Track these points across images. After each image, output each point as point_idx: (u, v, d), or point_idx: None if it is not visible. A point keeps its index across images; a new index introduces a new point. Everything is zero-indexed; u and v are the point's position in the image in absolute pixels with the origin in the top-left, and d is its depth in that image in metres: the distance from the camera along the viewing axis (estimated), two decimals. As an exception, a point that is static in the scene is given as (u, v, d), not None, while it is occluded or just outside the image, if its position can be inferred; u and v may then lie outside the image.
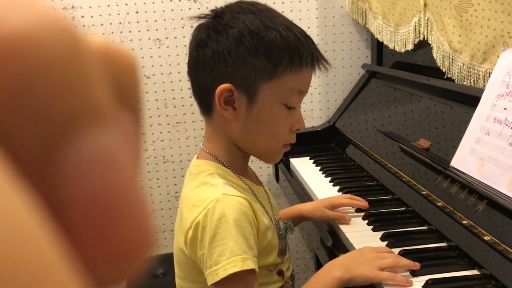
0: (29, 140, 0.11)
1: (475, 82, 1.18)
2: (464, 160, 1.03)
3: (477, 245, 0.89)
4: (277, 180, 1.73)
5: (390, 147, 1.37)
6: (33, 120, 0.10)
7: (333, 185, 1.35)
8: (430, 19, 1.35)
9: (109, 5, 1.70)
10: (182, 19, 1.72)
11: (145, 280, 1.53)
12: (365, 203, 1.15)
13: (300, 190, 1.42)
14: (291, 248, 1.88)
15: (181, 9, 1.73)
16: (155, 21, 1.73)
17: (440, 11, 1.29)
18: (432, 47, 1.34)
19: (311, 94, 1.86)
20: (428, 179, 1.14)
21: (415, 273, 0.88)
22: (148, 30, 1.73)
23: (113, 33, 1.71)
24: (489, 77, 1.06)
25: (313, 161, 1.57)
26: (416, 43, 1.44)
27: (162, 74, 1.76)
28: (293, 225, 1.02)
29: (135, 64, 0.14)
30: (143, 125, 0.14)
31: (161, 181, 1.84)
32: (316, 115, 1.88)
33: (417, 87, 1.41)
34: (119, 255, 0.11)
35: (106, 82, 0.12)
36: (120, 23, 1.71)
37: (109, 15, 1.70)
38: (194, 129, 1.81)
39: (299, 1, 1.78)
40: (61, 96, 0.11)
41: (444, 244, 0.98)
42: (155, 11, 1.72)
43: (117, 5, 1.70)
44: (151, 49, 1.74)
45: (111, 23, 1.71)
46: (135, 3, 1.71)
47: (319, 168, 1.50)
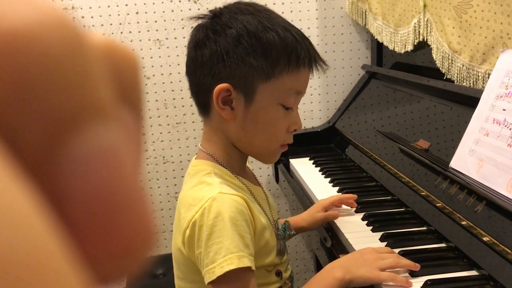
0: (31, 137, 0.11)
1: (475, 83, 1.18)
2: (463, 161, 1.03)
3: (476, 246, 0.89)
4: (277, 180, 1.73)
5: (389, 148, 1.37)
6: (35, 117, 0.10)
7: (333, 186, 1.35)
8: (429, 20, 1.35)
9: (109, 6, 1.70)
10: (182, 19, 1.72)
11: (144, 280, 1.53)
12: (353, 202, 1.16)
13: (299, 190, 1.42)
14: (290, 248, 1.88)
15: (181, 10, 1.73)
16: (155, 21, 1.73)
17: (439, 12, 1.29)
18: (431, 48, 1.34)
19: (311, 94, 1.86)
20: (427, 180, 1.14)
21: (414, 273, 0.88)
22: (148, 30, 1.73)
23: (113, 33, 1.72)
24: (489, 78, 1.07)
25: (312, 161, 1.57)
26: (415, 44, 1.44)
27: (162, 74, 1.77)
28: (291, 226, 1.02)
29: (137, 61, 0.14)
30: (144, 123, 0.14)
31: (161, 181, 1.84)
32: (316, 115, 1.88)
33: (416, 88, 1.41)
34: (120, 251, 0.12)
35: (107, 79, 0.12)
36: (120, 24, 1.72)
37: (109, 15, 1.71)
38: (194, 130, 1.81)
39: (299, 2, 1.79)
40: (62, 93, 0.11)
41: (443, 244, 0.99)
42: (155, 12, 1.72)
43: (117, 6, 1.70)
44: (151, 49, 1.75)
45: (111, 24, 1.71)
46: (135, 4, 1.71)
47: (319, 168, 1.50)
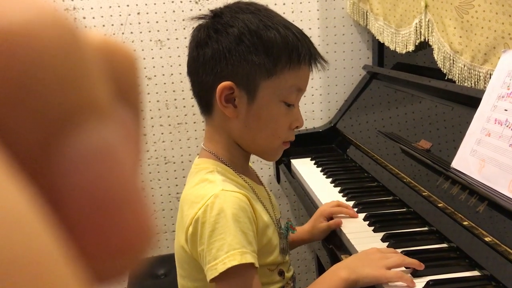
0: (27, 135, 0.10)
1: (476, 83, 1.18)
2: (465, 161, 1.03)
3: (477, 246, 0.89)
4: (278, 181, 1.73)
5: (391, 148, 1.37)
6: (31, 115, 0.10)
7: (334, 186, 1.35)
8: (431, 20, 1.35)
9: (110, 6, 1.70)
10: (183, 20, 1.72)
11: (146, 280, 1.53)
12: (354, 212, 1.13)
13: (301, 191, 1.42)
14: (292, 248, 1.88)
15: (183, 10, 1.73)
16: (157, 22, 1.73)
17: (441, 12, 1.29)
18: (433, 48, 1.34)
19: (312, 95, 1.86)
20: (429, 180, 1.14)
21: (416, 274, 0.88)
22: (149, 31, 1.73)
23: (114, 34, 1.72)
24: (490, 78, 1.07)
25: (314, 162, 1.57)
26: (417, 44, 1.44)
27: (163, 75, 1.77)
28: (293, 225, 1.02)
29: (135, 59, 0.14)
30: (143, 121, 0.14)
31: (162, 181, 1.84)
32: (317, 116, 1.88)
33: (418, 88, 1.41)
34: (118, 250, 0.11)
35: (105, 77, 0.12)
36: (121, 24, 1.72)
37: (111, 16, 1.71)
38: (195, 130, 1.81)
39: (300, 2, 1.79)
40: (59, 91, 0.11)
41: (444, 245, 0.99)
42: (156, 12, 1.72)
43: (119, 6, 1.70)
44: (152, 50, 1.75)
45: (112, 24, 1.71)
46: (137, 4, 1.71)
47: (320, 169, 1.50)
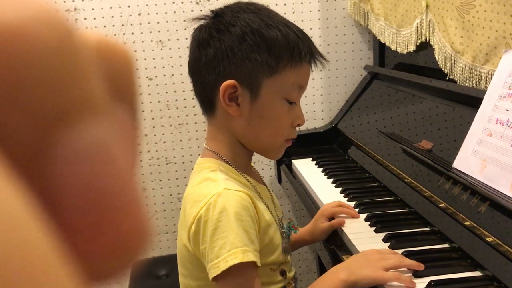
0: (21, 133, 0.10)
1: (477, 83, 1.18)
2: (466, 161, 1.03)
3: (479, 246, 0.89)
4: (279, 181, 1.73)
5: (392, 149, 1.37)
6: (26, 114, 0.10)
7: (335, 187, 1.35)
8: (432, 20, 1.35)
9: (111, 7, 1.70)
10: (184, 21, 1.72)
11: (147, 281, 1.53)
12: (355, 213, 1.14)
13: (302, 191, 1.42)
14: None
15: (184, 11, 1.73)
16: (158, 23, 1.73)
17: (442, 12, 1.29)
18: (434, 49, 1.34)
19: (313, 95, 1.86)
20: (430, 180, 1.14)
21: (418, 274, 0.88)
22: (150, 32, 1.73)
23: (115, 34, 1.72)
24: (491, 78, 1.06)
25: (315, 162, 1.57)
26: (418, 44, 1.44)
27: (164, 75, 1.77)
28: (296, 224, 1.03)
29: (131, 58, 0.13)
30: (140, 119, 0.14)
31: (163, 182, 1.84)
32: (318, 116, 1.88)
33: (419, 89, 1.41)
34: (114, 248, 0.11)
35: (100, 75, 0.12)
36: (122, 25, 1.72)
37: (112, 17, 1.71)
38: (196, 131, 1.81)
39: (301, 3, 1.79)
40: (53, 89, 0.11)
41: (446, 245, 0.98)
42: (157, 13, 1.73)
43: (120, 7, 1.71)
44: (153, 50, 1.75)
45: (113, 25, 1.71)
46: (138, 5, 1.71)
47: (322, 169, 1.50)
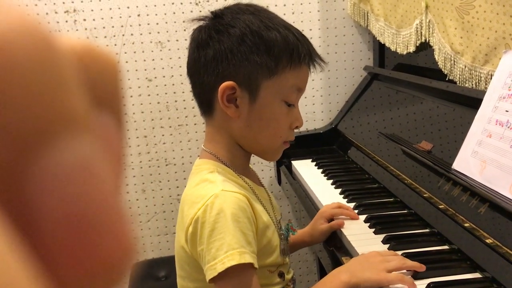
0: None
1: (477, 84, 1.18)
2: (466, 162, 1.03)
3: (479, 248, 0.89)
4: (279, 182, 1.72)
5: (392, 150, 1.37)
6: (1, 131, 0.10)
7: (335, 188, 1.35)
8: (431, 21, 1.35)
9: (111, 8, 1.70)
10: (183, 22, 1.72)
11: (147, 282, 1.52)
12: (355, 214, 1.13)
13: (302, 192, 1.42)
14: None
15: (183, 12, 1.73)
16: (157, 24, 1.73)
17: (441, 13, 1.29)
18: (433, 49, 1.34)
19: (313, 96, 1.86)
20: (430, 181, 1.13)
21: (417, 276, 0.88)
22: (149, 33, 1.73)
23: (115, 36, 1.72)
24: (491, 79, 1.06)
25: (315, 163, 1.57)
26: (417, 45, 1.43)
27: (164, 77, 1.76)
28: (294, 226, 1.02)
29: (115, 64, 0.13)
30: (124, 127, 0.13)
31: (163, 183, 1.84)
32: (318, 117, 1.88)
33: (419, 89, 1.41)
34: (97, 271, 0.11)
35: (82, 86, 0.11)
36: (122, 26, 1.72)
37: (111, 18, 1.71)
38: (196, 132, 1.81)
39: (301, 4, 1.78)
40: (31, 104, 0.10)
41: (446, 247, 0.98)
42: (156, 14, 1.72)
43: (119, 8, 1.70)
44: (152, 52, 1.75)
45: (113, 26, 1.71)
46: (137, 6, 1.71)
47: (321, 170, 1.50)
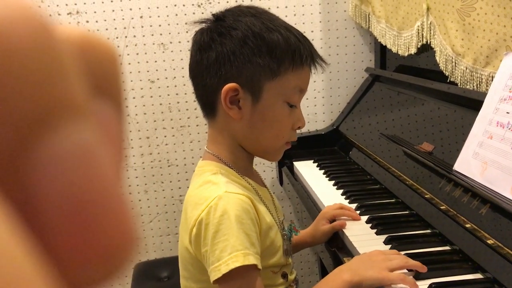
0: None
1: (478, 86, 1.18)
2: (467, 163, 1.04)
3: (480, 248, 0.89)
4: (281, 183, 1.73)
5: (393, 151, 1.37)
6: (2, 117, 0.10)
7: (337, 189, 1.35)
8: (433, 23, 1.36)
9: (113, 10, 1.71)
10: (186, 23, 1.73)
11: (149, 283, 1.53)
12: (356, 215, 1.14)
13: (303, 193, 1.43)
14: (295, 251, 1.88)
15: (185, 14, 1.74)
16: (160, 25, 1.74)
17: (443, 15, 1.29)
18: (435, 51, 1.34)
19: (315, 97, 1.87)
20: (431, 182, 1.14)
21: (419, 276, 0.88)
22: (152, 34, 1.74)
23: (117, 37, 1.73)
24: (492, 81, 1.07)
25: (316, 164, 1.58)
26: (419, 47, 1.44)
27: (166, 78, 1.77)
28: (297, 227, 1.03)
29: (114, 53, 0.13)
30: (124, 115, 0.13)
31: (165, 184, 1.85)
32: (319, 118, 1.88)
33: (420, 91, 1.41)
34: (100, 256, 0.11)
35: (81, 73, 0.11)
36: (124, 28, 1.73)
37: (114, 20, 1.72)
38: (198, 133, 1.82)
39: (303, 5, 1.79)
40: (32, 91, 0.10)
41: (447, 247, 0.99)
42: (159, 16, 1.73)
43: (122, 10, 1.71)
44: (155, 53, 1.75)
45: (115, 28, 1.72)
46: (140, 8, 1.72)
47: (323, 171, 1.50)
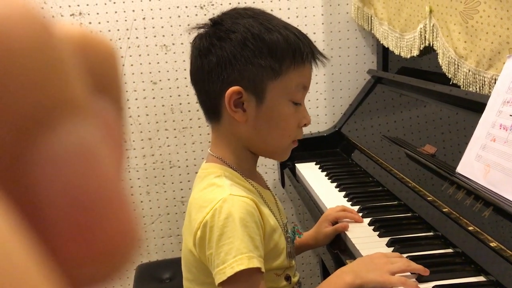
0: None
1: (481, 88, 1.18)
2: (470, 166, 1.04)
3: (483, 251, 0.89)
4: (283, 185, 1.73)
5: (395, 153, 1.37)
6: (2, 114, 0.10)
7: (339, 191, 1.35)
8: (435, 25, 1.36)
9: (116, 12, 1.71)
10: (188, 25, 1.73)
11: (151, 284, 1.53)
12: (359, 217, 1.14)
13: (305, 195, 1.42)
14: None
15: (188, 15, 1.74)
16: (162, 27, 1.74)
17: (445, 17, 1.29)
18: (437, 53, 1.34)
19: (317, 99, 1.87)
20: (434, 185, 1.14)
21: (422, 279, 0.88)
22: (155, 36, 1.74)
23: (120, 39, 1.73)
24: (495, 83, 1.07)
25: (318, 166, 1.58)
26: (421, 49, 1.44)
27: (168, 79, 1.78)
28: (300, 229, 1.03)
29: (114, 51, 0.13)
30: (124, 113, 0.14)
31: (167, 186, 1.85)
32: (322, 120, 1.88)
33: (422, 93, 1.41)
34: (101, 254, 0.11)
35: (81, 72, 0.11)
36: (127, 29, 1.73)
37: (116, 21, 1.72)
38: (200, 134, 1.82)
39: (305, 7, 1.79)
40: (32, 88, 0.10)
41: (450, 250, 0.99)
42: (161, 18, 1.74)
43: (124, 12, 1.72)
44: (157, 55, 1.76)
45: (118, 29, 1.72)
46: (142, 10, 1.72)
47: (325, 173, 1.50)
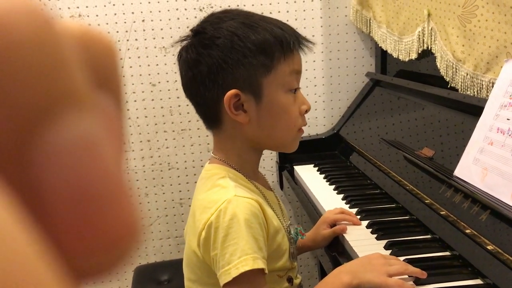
0: (2, 129, 0.10)
1: (479, 92, 1.19)
2: (467, 169, 1.04)
3: (480, 254, 0.90)
4: (281, 187, 1.73)
5: (394, 156, 1.38)
6: (4, 110, 0.10)
7: (337, 193, 1.36)
8: (434, 28, 1.36)
9: (115, 14, 1.72)
10: (187, 27, 1.73)
11: (149, 286, 1.53)
12: (357, 220, 1.14)
13: (304, 197, 1.43)
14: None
15: (187, 18, 1.74)
16: (161, 29, 1.74)
17: (443, 21, 1.30)
18: (435, 56, 1.35)
19: (315, 102, 1.87)
20: (431, 187, 1.14)
21: (419, 282, 0.88)
22: (154, 38, 1.75)
23: (119, 41, 1.73)
24: (493, 87, 1.07)
25: (317, 168, 1.58)
26: (420, 52, 1.45)
27: (167, 81, 1.78)
28: (303, 231, 1.03)
29: (113, 47, 0.13)
30: (124, 108, 0.14)
31: (166, 187, 1.85)
32: (320, 122, 1.89)
33: (420, 96, 1.42)
34: (103, 245, 0.11)
35: (82, 65, 0.11)
36: (126, 31, 1.73)
37: (116, 23, 1.72)
38: (199, 136, 1.82)
39: (304, 10, 1.80)
40: (35, 83, 0.10)
41: (447, 253, 0.99)
42: (161, 20, 1.74)
43: (124, 14, 1.72)
44: (157, 57, 1.76)
45: (117, 31, 1.73)
46: (142, 12, 1.73)
47: (323, 176, 1.51)
